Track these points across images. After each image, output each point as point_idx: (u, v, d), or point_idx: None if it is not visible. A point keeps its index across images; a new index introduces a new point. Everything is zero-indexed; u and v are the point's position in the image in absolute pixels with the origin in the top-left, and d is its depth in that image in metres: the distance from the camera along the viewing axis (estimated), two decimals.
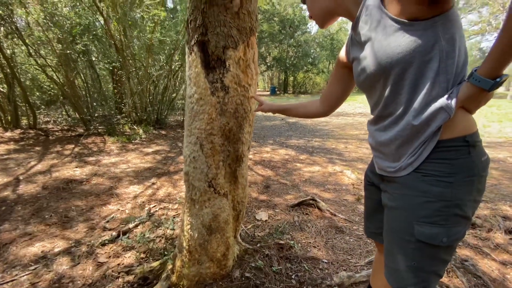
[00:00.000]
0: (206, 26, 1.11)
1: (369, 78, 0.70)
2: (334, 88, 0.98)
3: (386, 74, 0.64)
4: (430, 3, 0.54)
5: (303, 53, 20.94)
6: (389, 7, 0.59)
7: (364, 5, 0.65)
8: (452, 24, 0.57)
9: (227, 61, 1.16)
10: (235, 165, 1.31)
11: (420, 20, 0.56)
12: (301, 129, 6.16)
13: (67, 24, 5.03)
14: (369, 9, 0.63)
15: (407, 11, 0.56)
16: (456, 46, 0.58)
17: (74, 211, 2.13)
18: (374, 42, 0.63)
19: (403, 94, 0.64)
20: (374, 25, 0.63)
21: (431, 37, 0.56)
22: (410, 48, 0.58)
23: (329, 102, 1.01)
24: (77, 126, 5.64)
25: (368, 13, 0.64)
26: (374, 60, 0.65)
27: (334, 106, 1.01)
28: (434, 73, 0.59)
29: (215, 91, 1.19)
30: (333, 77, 0.98)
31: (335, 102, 1.00)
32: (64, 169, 3.14)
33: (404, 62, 0.59)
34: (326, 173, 3.07)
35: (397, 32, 0.58)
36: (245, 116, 1.28)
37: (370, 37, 0.65)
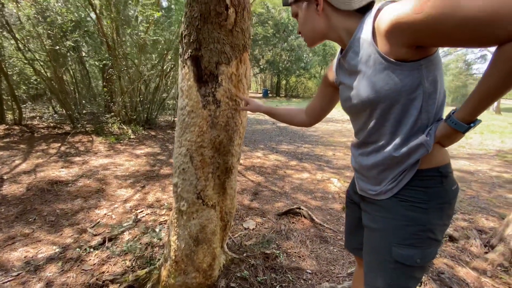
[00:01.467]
0: (200, 42, 1.13)
1: (355, 107, 0.74)
2: (319, 103, 1.03)
3: (372, 107, 0.68)
4: (417, 48, 0.59)
5: (296, 57, 21.16)
6: (379, 44, 0.62)
7: (355, 37, 0.69)
8: (435, 66, 0.62)
9: (220, 76, 1.18)
10: (224, 177, 1.34)
11: (407, 61, 0.60)
12: (291, 134, 6.23)
13: (59, 20, 4.93)
14: (360, 42, 0.67)
15: (396, 52, 0.60)
16: (437, 88, 0.63)
17: (59, 215, 2.09)
18: (364, 75, 0.67)
19: (387, 127, 0.68)
20: (364, 58, 0.66)
21: (416, 78, 0.61)
22: (397, 87, 0.62)
23: (314, 114, 1.07)
24: (64, 124, 5.51)
25: (359, 45, 0.68)
26: (362, 93, 0.69)
27: (318, 118, 1.08)
28: (417, 111, 0.64)
29: (206, 105, 1.21)
30: (319, 93, 1.03)
31: (319, 115, 1.06)
32: (50, 169, 3.08)
33: (391, 99, 0.64)
34: (314, 180, 3.13)
35: (386, 70, 0.62)
36: (235, 129, 1.31)
37: (360, 70, 0.68)
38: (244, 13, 1.15)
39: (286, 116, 1.15)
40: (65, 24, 4.95)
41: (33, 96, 9.26)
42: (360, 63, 0.68)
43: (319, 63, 22.50)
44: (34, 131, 4.83)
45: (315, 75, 23.09)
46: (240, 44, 1.19)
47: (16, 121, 5.12)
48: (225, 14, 1.09)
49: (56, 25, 4.94)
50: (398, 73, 0.61)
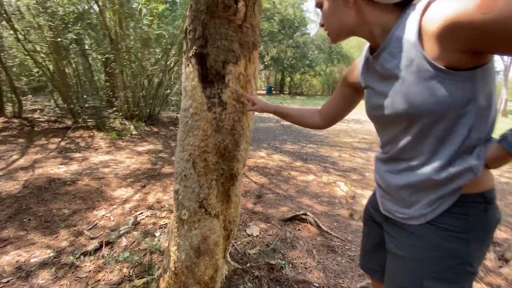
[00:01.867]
0: (206, 38, 1.03)
1: (387, 117, 0.64)
2: (337, 105, 0.93)
3: (411, 121, 0.58)
4: (475, 53, 0.48)
5: (301, 54, 20.92)
6: (427, 47, 0.51)
7: (393, 35, 0.58)
8: (490, 78, 0.51)
9: (227, 76, 1.08)
10: (228, 184, 1.24)
11: (459, 70, 0.50)
12: (296, 134, 6.12)
13: (60, 11, 4.83)
14: (401, 42, 0.56)
15: (448, 58, 0.49)
16: (492, 102, 0.53)
17: (55, 215, 2.02)
18: (402, 83, 0.57)
19: (426, 145, 0.58)
20: (405, 63, 0.56)
21: (469, 90, 0.50)
22: (445, 100, 0.51)
23: (329, 117, 0.96)
24: (65, 118, 5.44)
25: (397, 46, 0.57)
26: (399, 104, 0.58)
27: (333, 122, 0.98)
28: (467, 130, 0.53)
29: (211, 107, 1.11)
30: (337, 93, 0.93)
31: (334, 119, 0.96)
32: (48, 165, 3.00)
33: (436, 114, 0.53)
34: (320, 183, 3.03)
35: (433, 80, 0.51)
36: (242, 133, 1.21)
37: (398, 75, 0.58)
38: (254, 7, 1.04)
39: (297, 117, 1.04)
40: (67, 15, 4.84)
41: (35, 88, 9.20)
42: (398, 67, 0.57)
43: (325, 60, 22.26)
44: (34, 124, 4.77)
45: (320, 72, 22.86)
46: (249, 41, 1.08)
47: (16, 114, 5.05)
48: (234, 8, 0.99)
49: (57, 16, 4.84)
50: (447, 84, 0.50)
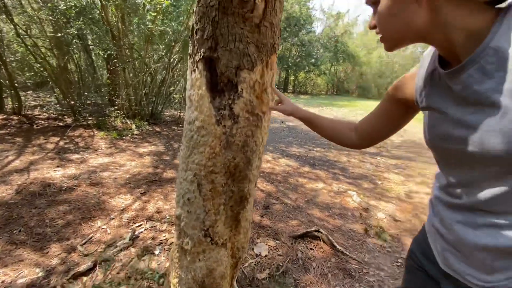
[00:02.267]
0: (216, 39, 0.86)
1: (470, 155, 0.47)
2: (378, 124, 0.77)
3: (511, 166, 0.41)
4: None
5: (306, 53, 20.63)
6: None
7: (488, 45, 0.41)
8: None
9: (240, 85, 0.91)
10: (238, 208, 1.08)
11: None
12: (302, 136, 5.94)
13: (61, 5, 4.67)
14: (502, 56, 0.39)
15: None
16: None
17: (48, 226, 1.87)
18: (505, 114, 0.39)
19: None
20: (511, 87, 0.39)
21: None
22: None
23: (368, 137, 0.81)
24: (66, 115, 5.30)
25: (496, 62, 0.40)
26: (497, 142, 0.41)
27: (372, 143, 0.82)
28: None
29: (221, 120, 0.95)
30: (379, 111, 0.76)
31: (374, 139, 0.80)
32: (44, 167, 2.86)
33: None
34: (331, 192, 2.86)
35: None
36: (255, 149, 1.04)
37: (496, 103, 0.41)
38: (275, 2, 0.87)
39: (329, 130, 0.88)
40: (68, 10, 4.69)
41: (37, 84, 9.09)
42: (496, 92, 0.40)
43: (330, 59, 21.96)
44: (33, 122, 4.63)
45: (325, 71, 22.58)
46: (268, 43, 0.91)
47: (15, 110, 4.92)
48: (252, 3, 0.81)
49: (58, 10, 4.68)
50: None
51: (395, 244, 2.00)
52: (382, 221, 2.30)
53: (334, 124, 0.89)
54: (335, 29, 23.78)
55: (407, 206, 2.66)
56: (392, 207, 2.61)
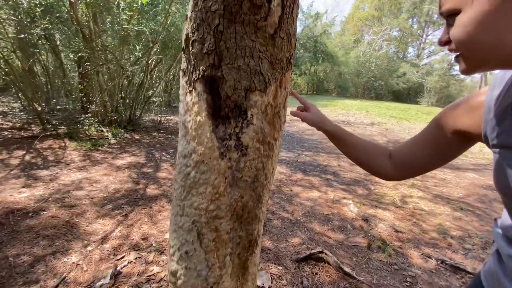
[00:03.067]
0: (220, 54, 0.68)
1: None
2: (424, 154, 0.63)
3: None
4: None
5: None
6: None
7: None
8: None
9: (250, 110, 0.73)
10: (246, 254, 0.90)
11: None
12: (288, 139, 5.83)
13: (24, 3, 4.21)
14: None
15: None
16: None
17: (12, 267, 1.58)
18: None
19: None
20: None
21: None
22: None
23: (408, 168, 0.66)
24: (32, 124, 4.81)
25: None
26: None
27: (413, 174, 0.67)
28: None
29: (226, 152, 0.76)
30: (426, 140, 0.63)
31: (416, 171, 0.66)
32: (8, 189, 2.50)
33: None
34: (327, 201, 2.75)
35: None
36: (266, 183, 0.87)
37: None
38: (293, 9, 0.70)
39: (361, 153, 0.74)
40: (33, 8, 4.23)
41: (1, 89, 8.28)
42: None
43: (310, 59, 22.17)
44: None
45: (305, 71, 22.78)
46: (283, 58, 0.74)
47: None
48: (266, 8, 0.64)
49: (21, 9, 4.21)
50: None
51: (401, 259, 1.90)
52: (383, 233, 2.21)
53: (368, 147, 0.74)
54: (314, 29, 24.05)
55: (405, 214, 2.61)
56: (390, 215, 2.54)
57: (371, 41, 29.84)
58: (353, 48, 26.45)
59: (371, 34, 31.25)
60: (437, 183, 3.63)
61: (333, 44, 25.09)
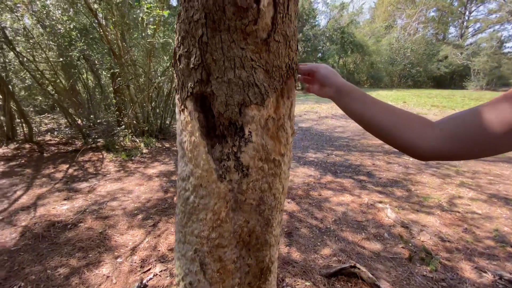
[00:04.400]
0: (208, 68, 0.60)
1: None
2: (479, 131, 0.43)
3: None
4: None
5: (312, 48, 20.13)
6: None
7: None
8: None
9: (247, 127, 0.65)
10: (258, 283, 0.81)
11: None
12: (317, 138, 5.60)
13: (61, 29, 4.60)
14: None
15: None
16: None
17: (49, 279, 1.68)
18: None
19: None
20: None
21: None
22: None
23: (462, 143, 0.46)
24: (75, 139, 5.25)
25: None
26: None
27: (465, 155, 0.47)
28: None
29: (225, 174, 0.68)
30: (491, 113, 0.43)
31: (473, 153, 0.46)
32: (51, 201, 2.72)
33: None
34: (361, 205, 2.54)
35: None
36: (275, 204, 0.77)
37: None
38: (289, 5, 0.60)
39: (390, 117, 0.54)
40: (69, 32, 4.61)
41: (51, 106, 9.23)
42: None
43: (337, 52, 21.30)
44: (44, 149, 4.58)
45: (333, 65, 21.91)
46: (282, 64, 0.64)
47: (27, 138, 4.90)
48: (255, 10, 0.55)
49: (58, 34, 4.61)
50: None
51: (449, 274, 1.66)
52: (427, 242, 1.96)
53: (400, 112, 0.54)
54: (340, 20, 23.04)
55: (453, 219, 2.30)
56: (435, 221, 2.26)
57: (404, 25, 27.74)
58: (385, 35, 24.80)
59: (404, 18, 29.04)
60: (492, 180, 3.17)
61: (362, 33, 23.79)
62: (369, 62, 23.22)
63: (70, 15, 4.40)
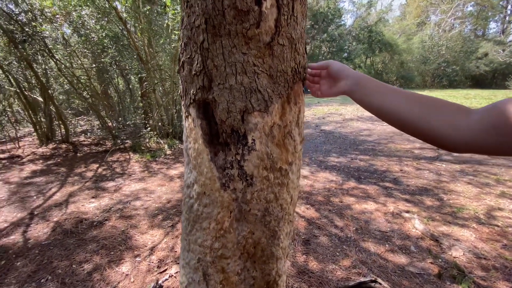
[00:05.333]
0: (209, 74, 0.58)
1: None
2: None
3: None
4: None
5: (338, 48, 19.62)
6: None
7: None
8: None
9: (250, 134, 0.62)
10: None
11: None
12: (340, 141, 5.41)
13: (94, 37, 4.92)
14: None
15: None
16: None
17: (74, 274, 1.78)
18: None
19: None
20: None
21: None
22: None
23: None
24: (106, 140, 5.57)
25: None
26: None
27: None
28: None
29: (228, 183, 0.66)
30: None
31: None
32: (81, 199, 2.89)
33: None
34: (386, 214, 2.40)
35: None
36: (282, 215, 0.73)
37: None
38: (294, 6, 0.56)
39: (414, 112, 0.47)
40: (101, 40, 4.92)
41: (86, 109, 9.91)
42: None
43: (364, 51, 20.56)
44: (78, 149, 4.91)
45: (360, 65, 21.17)
46: (287, 69, 0.60)
47: (64, 139, 5.30)
48: (256, 13, 0.52)
49: (92, 42, 4.94)
50: None
51: None
52: (460, 259, 1.79)
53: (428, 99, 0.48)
54: (367, 19, 22.22)
55: (491, 233, 2.08)
56: (470, 235, 2.06)
57: (439, 22, 26.05)
58: (416, 32, 23.49)
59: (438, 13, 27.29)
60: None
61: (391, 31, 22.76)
62: (399, 61, 22.13)
63: (103, 24, 4.68)
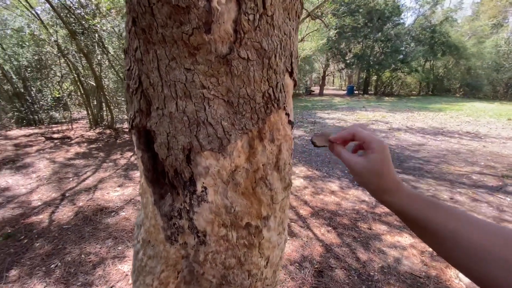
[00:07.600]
0: (146, 94, 0.42)
1: None
2: None
3: None
4: None
5: (393, 48, 17.95)
6: None
7: None
8: None
9: (199, 180, 0.44)
10: None
11: None
12: None
13: None
14: None
15: None
16: None
17: (81, 265, 1.81)
18: None
19: None
20: None
21: None
22: None
23: None
24: None
25: None
26: None
27: None
28: None
29: (175, 235, 0.50)
30: None
31: None
32: (108, 186, 3.02)
33: None
34: (424, 253, 2.01)
35: None
36: (248, 284, 0.55)
37: None
38: (265, 0, 0.37)
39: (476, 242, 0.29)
40: None
41: None
42: None
43: (424, 54, 18.52)
44: (118, 136, 5.24)
45: (417, 68, 19.14)
46: (255, 94, 0.41)
47: (109, 125, 5.72)
48: (201, 12, 0.34)
49: None
50: None
51: None
52: None
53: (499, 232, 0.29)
54: (431, 17, 19.90)
55: None
56: None
57: None
58: (490, 35, 20.37)
59: None
60: None
61: (459, 32, 20.10)
62: (465, 67, 19.47)
63: None
